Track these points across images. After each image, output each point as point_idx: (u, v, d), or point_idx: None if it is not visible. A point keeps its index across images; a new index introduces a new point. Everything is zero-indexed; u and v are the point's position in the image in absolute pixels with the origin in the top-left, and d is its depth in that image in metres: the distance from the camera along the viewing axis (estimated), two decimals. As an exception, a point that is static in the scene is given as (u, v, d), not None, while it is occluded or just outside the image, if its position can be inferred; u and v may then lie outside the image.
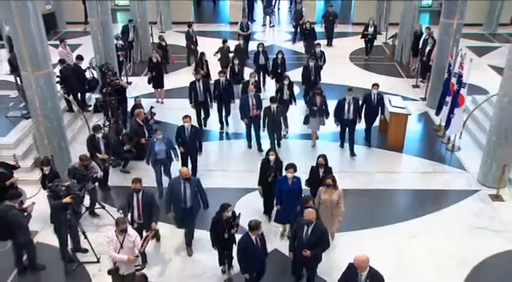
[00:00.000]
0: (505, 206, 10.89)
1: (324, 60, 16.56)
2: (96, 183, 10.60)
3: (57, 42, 17.63)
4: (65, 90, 14.14)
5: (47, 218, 9.54)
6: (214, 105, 14.01)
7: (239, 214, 8.52)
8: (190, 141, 11.23)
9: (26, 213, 8.53)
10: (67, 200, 8.72)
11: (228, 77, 14.88)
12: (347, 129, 12.81)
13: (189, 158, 11.57)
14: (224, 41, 17.19)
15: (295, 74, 16.80)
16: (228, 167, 12.70)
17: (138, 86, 17.10)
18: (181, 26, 24.50)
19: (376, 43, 22.72)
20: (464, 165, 12.60)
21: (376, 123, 13.90)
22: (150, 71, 15.99)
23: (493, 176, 11.39)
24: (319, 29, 21.92)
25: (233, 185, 11.78)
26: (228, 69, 15.65)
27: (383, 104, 13.28)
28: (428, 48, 16.59)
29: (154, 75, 15.86)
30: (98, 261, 9.20)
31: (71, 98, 14.30)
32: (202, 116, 14.06)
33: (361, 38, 20.37)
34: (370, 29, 19.76)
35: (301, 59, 19.61)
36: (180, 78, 17.82)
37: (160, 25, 24.29)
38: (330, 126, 13.31)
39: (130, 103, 14.08)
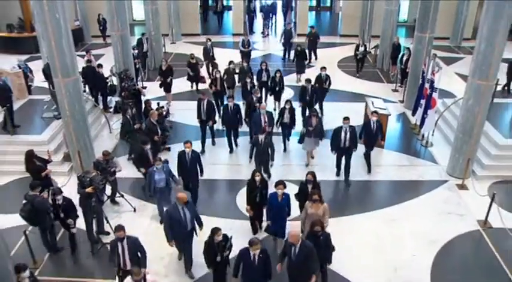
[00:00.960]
0: (469, 194, 11.01)
1: (329, 83, 15.04)
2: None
3: (84, 52, 17.86)
4: (84, 83, 14.48)
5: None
6: (218, 123, 13.30)
7: (231, 237, 7.78)
8: (191, 166, 10.04)
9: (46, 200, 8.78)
10: (89, 190, 8.91)
11: (241, 95, 14.75)
12: (343, 157, 11.53)
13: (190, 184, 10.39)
14: (230, 62, 15.69)
15: (288, 80, 17.00)
16: (231, 161, 12.81)
17: (151, 90, 17.19)
18: (190, 37, 25.11)
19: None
20: (436, 159, 12.70)
21: (360, 121, 13.82)
22: (160, 76, 15.91)
23: (459, 168, 11.52)
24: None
25: (235, 177, 11.86)
26: (241, 87, 14.86)
27: (382, 130, 12.19)
28: (405, 57, 16.76)
29: (163, 81, 15.80)
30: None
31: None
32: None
33: (354, 57, 19.53)
34: (361, 49, 19.06)
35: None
36: (189, 83, 18.04)
37: (171, 37, 24.49)
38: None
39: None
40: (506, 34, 10.09)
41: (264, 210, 9.32)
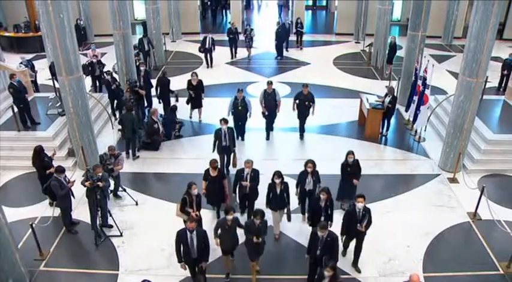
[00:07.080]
0: (460, 187, 11.05)
1: (369, 222, 8.29)
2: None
3: (87, 51, 17.87)
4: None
5: (79, 199, 9.87)
6: None
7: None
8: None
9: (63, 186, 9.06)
10: (87, 184, 8.98)
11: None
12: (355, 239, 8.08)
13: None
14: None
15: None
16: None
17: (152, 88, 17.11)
18: (190, 36, 25.10)
19: (355, 50, 22.98)
20: (428, 153, 12.71)
21: (355, 117, 13.77)
22: (190, 91, 14.33)
23: (451, 162, 11.55)
24: (288, 105, 13.65)
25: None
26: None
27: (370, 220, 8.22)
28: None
29: (193, 97, 14.41)
30: (121, 235, 9.37)
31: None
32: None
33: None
34: (387, 100, 13.29)
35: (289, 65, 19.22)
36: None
37: (172, 35, 24.45)
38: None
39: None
40: (495, 33, 10.09)
41: None
